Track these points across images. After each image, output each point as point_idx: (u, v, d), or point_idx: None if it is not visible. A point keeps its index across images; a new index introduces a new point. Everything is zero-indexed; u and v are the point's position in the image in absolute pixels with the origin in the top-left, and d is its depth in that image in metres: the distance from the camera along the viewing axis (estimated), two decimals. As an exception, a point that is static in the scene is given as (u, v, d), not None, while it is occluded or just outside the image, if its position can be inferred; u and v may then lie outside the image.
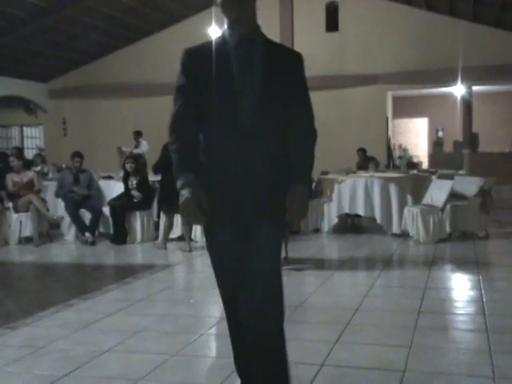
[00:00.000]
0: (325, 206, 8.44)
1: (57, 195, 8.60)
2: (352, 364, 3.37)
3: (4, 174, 8.66)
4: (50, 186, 9.20)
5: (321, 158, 8.12)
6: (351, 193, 8.16)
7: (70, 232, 8.50)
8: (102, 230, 8.70)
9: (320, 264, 6.69)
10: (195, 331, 4.06)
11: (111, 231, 8.36)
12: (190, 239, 7.57)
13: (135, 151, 12.27)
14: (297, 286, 5.52)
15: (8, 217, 8.38)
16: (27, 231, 8.32)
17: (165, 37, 15.76)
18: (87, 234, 8.21)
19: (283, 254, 6.58)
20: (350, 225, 9.07)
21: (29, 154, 16.99)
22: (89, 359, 3.52)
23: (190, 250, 7.35)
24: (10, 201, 8.52)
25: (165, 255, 7.35)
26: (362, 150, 11.40)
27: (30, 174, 8.66)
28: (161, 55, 15.72)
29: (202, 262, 7.24)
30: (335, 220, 8.44)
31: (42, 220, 8.32)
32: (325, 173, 9.02)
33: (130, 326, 4.22)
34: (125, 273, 6.20)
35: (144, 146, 13.06)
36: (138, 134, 13.49)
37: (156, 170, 7.59)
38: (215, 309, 4.76)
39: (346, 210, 8.33)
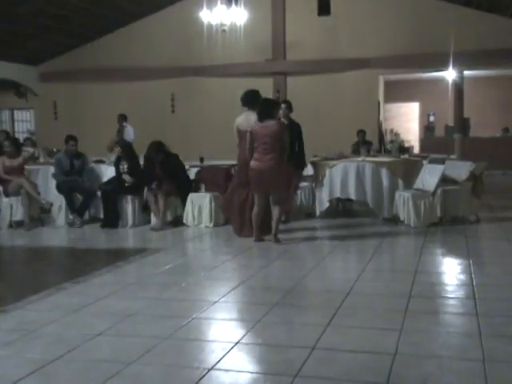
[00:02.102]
0: (316, 191, 8.44)
1: (57, 179, 8.52)
2: (343, 347, 3.39)
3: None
4: (42, 170, 9.14)
5: (313, 142, 8.13)
6: (343, 177, 8.15)
7: (60, 216, 8.47)
8: (93, 213, 8.68)
9: (311, 248, 6.71)
10: (187, 315, 4.06)
11: (103, 215, 8.34)
12: (165, 217, 7.95)
13: (121, 138, 11.80)
14: (288, 270, 5.54)
15: (-1, 200, 8.34)
16: (18, 215, 8.28)
17: (156, 20, 15.62)
18: (76, 217, 8.24)
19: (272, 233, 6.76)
20: (342, 209, 9.09)
21: (19, 137, 16.85)
22: (80, 343, 3.52)
23: (161, 229, 7.77)
24: (0, 185, 8.47)
25: (156, 239, 7.34)
26: (362, 132, 11.38)
27: (20, 159, 8.60)
28: (152, 39, 15.61)
29: (194, 246, 7.26)
30: (327, 204, 8.44)
31: (33, 204, 8.28)
32: (316, 157, 9.01)
33: (122, 309, 4.22)
34: (116, 257, 6.20)
35: (128, 134, 12.64)
36: (122, 118, 13.02)
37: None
38: (207, 293, 4.77)
39: (338, 195, 8.33)
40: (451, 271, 5.54)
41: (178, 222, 8.19)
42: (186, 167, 8.52)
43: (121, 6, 14.61)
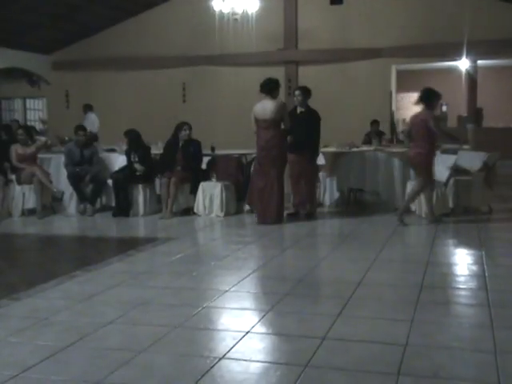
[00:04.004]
0: (327, 181, 8.41)
1: (67, 169, 8.54)
2: (354, 338, 3.38)
3: (8, 146, 8.64)
4: (54, 158, 9.17)
5: (324, 132, 8.08)
6: (354, 167, 8.12)
7: (72, 204, 8.50)
8: (104, 202, 8.71)
9: (322, 238, 6.70)
10: (197, 304, 4.07)
11: (114, 204, 8.36)
12: (174, 205, 8.02)
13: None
14: (299, 260, 5.53)
15: (11, 189, 8.38)
16: (30, 203, 8.33)
17: (168, 9, 15.56)
18: (87, 205, 8.28)
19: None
20: (353, 199, 9.05)
21: (35, 126, 16.89)
22: (91, 330, 3.54)
23: (170, 218, 7.85)
24: (13, 173, 8.51)
25: (167, 228, 7.35)
26: (376, 122, 11.34)
27: (32, 147, 8.63)
28: (164, 28, 15.56)
29: (205, 235, 7.26)
30: (337, 194, 8.41)
31: (45, 192, 8.32)
32: (327, 146, 8.97)
33: (133, 298, 4.24)
34: (127, 245, 6.21)
35: (92, 124, 12.72)
36: (86, 107, 13.37)
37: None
38: (217, 282, 4.78)
39: (349, 185, 8.30)
40: (463, 262, 5.51)
41: (188, 211, 8.20)
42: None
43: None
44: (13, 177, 8.48)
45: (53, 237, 7.24)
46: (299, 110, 7.66)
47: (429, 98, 7.08)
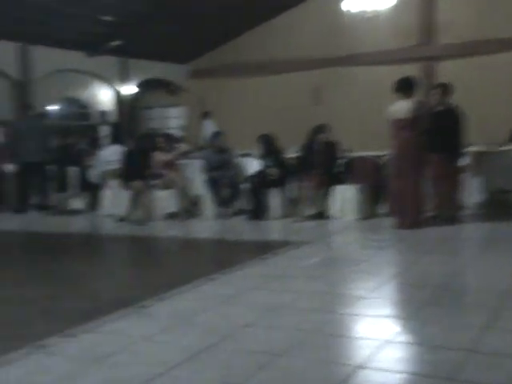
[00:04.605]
0: (471, 181, 7.95)
1: (205, 174, 8.86)
2: (507, 352, 3.12)
3: (150, 154, 9.12)
4: (192, 164, 9.55)
5: (468, 130, 7.58)
6: (504, 167, 7.58)
7: (209, 208, 8.78)
8: (240, 206, 8.91)
9: (463, 243, 6.34)
10: (333, 309, 4.00)
11: (250, 207, 8.52)
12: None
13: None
14: (439, 266, 5.26)
15: (153, 194, 8.84)
16: (171, 207, 8.73)
17: (298, 12, 15.64)
18: (223, 209, 8.51)
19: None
20: (500, 201, 8.46)
21: (174, 134, 17.74)
22: (230, 332, 3.59)
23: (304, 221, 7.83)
24: (154, 179, 8.98)
25: (302, 232, 7.35)
26: None
27: (172, 154, 9.05)
28: (294, 31, 15.65)
29: (340, 239, 7.17)
30: (482, 196, 7.93)
31: (184, 197, 8.68)
32: (471, 145, 8.46)
33: (268, 301, 4.26)
34: (263, 249, 6.29)
35: (206, 130, 12.96)
36: (203, 115, 13.79)
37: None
38: (354, 287, 4.68)
39: (497, 185, 7.78)
40: None
41: (322, 214, 8.14)
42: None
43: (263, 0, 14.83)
44: (154, 182, 8.93)
45: (192, 240, 7.52)
46: (439, 108, 7.32)
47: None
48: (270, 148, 8.49)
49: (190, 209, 8.85)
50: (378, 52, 14.41)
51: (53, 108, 15.39)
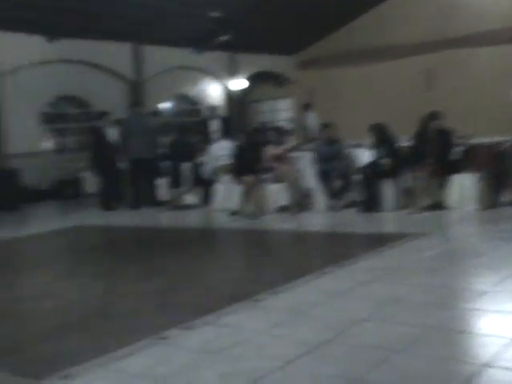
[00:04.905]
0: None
1: (316, 166, 8.83)
2: None
3: (261, 148, 9.20)
4: (302, 157, 9.52)
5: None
6: None
7: (320, 201, 8.73)
8: (352, 198, 8.77)
9: None
10: (454, 304, 3.84)
11: (362, 199, 8.36)
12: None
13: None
14: None
15: (265, 187, 8.92)
16: (283, 201, 8.76)
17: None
18: (335, 201, 8.41)
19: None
20: None
21: (283, 126, 17.83)
22: (347, 327, 3.54)
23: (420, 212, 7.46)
24: (266, 173, 9.05)
25: (418, 223, 7.11)
26: None
27: (283, 147, 9.08)
28: (406, 14, 15.19)
29: (459, 231, 6.87)
30: None
31: (296, 190, 8.68)
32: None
33: (385, 295, 4.16)
34: (377, 241, 6.16)
35: (310, 122, 12.79)
36: (304, 107, 13.60)
37: None
38: (474, 281, 4.45)
39: None
40: None
41: (440, 205, 7.83)
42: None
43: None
44: (266, 176, 9.01)
45: (304, 233, 7.51)
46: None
47: None
48: (382, 137, 8.27)
49: (301, 202, 8.84)
50: (501, 29, 13.52)
51: (164, 105, 15.97)
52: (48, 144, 13.66)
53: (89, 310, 4.39)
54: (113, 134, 10.75)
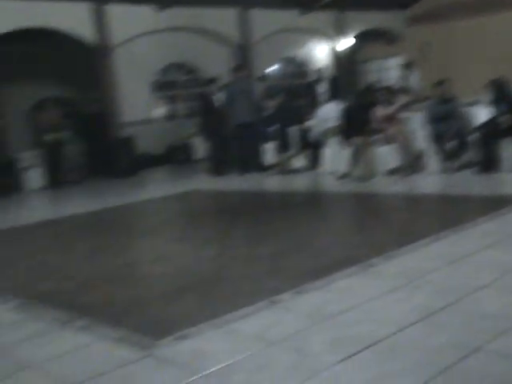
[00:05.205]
0: None
1: (429, 126, 8.48)
2: None
3: (370, 109, 8.94)
4: (414, 117, 9.17)
5: None
6: None
7: (433, 162, 8.38)
8: (469, 158, 8.34)
9: None
10: None
11: (479, 159, 7.93)
12: None
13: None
14: None
15: (375, 150, 8.69)
16: (393, 163, 8.51)
17: None
18: (450, 163, 8.03)
19: None
20: None
21: (393, 85, 17.23)
22: (464, 294, 3.39)
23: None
24: (375, 134, 8.80)
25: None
26: None
27: (394, 107, 8.77)
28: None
29: None
30: None
31: (407, 151, 8.39)
32: None
33: (506, 261, 3.93)
34: (497, 204, 5.81)
35: (413, 81, 12.22)
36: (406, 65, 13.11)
37: None
38: None
39: None
40: None
41: None
42: None
43: None
44: (375, 138, 8.76)
45: (416, 196, 7.26)
46: None
47: None
48: (502, 93, 7.75)
49: (413, 164, 8.53)
50: None
51: (271, 69, 15.91)
52: (159, 111, 14.11)
53: (202, 274, 4.52)
54: (221, 99, 10.87)
